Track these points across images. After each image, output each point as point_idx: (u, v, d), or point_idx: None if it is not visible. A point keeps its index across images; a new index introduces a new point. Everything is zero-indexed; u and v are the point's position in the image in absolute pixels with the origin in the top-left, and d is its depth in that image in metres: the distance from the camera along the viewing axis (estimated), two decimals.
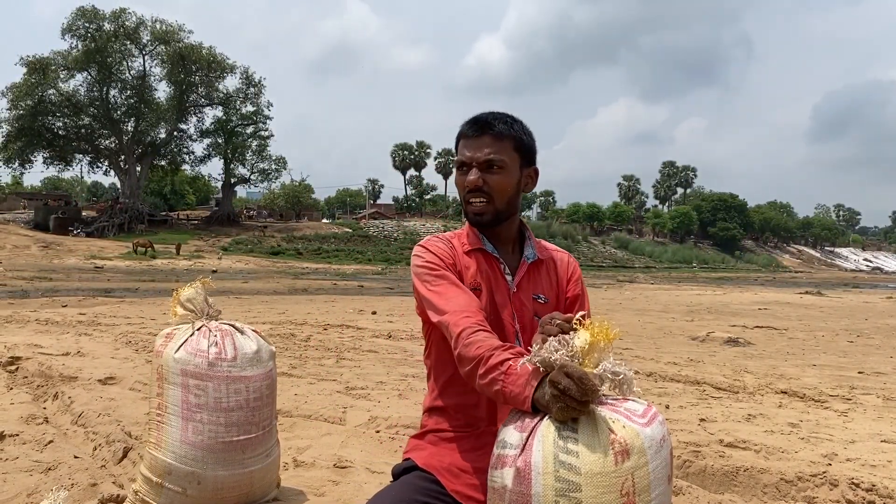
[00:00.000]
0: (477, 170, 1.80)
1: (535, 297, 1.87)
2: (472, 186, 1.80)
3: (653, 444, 1.38)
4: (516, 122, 1.85)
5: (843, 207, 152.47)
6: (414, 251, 1.86)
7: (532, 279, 1.89)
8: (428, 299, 1.75)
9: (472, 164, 1.81)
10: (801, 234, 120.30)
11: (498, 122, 1.81)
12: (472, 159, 1.81)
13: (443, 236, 1.90)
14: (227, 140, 61.17)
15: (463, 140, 1.84)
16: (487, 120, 1.82)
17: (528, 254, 1.90)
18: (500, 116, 1.83)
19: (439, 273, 1.77)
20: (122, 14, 55.56)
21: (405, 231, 68.41)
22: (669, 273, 58.15)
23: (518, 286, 1.85)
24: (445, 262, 1.80)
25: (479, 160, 1.80)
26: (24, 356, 6.74)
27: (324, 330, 10.30)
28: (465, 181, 1.81)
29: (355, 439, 4.27)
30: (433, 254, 1.81)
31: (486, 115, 1.84)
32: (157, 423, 2.83)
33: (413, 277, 1.82)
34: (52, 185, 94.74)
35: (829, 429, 4.79)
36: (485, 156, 1.79)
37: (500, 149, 1.80)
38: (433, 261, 1.80)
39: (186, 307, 3.01)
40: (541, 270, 1.91)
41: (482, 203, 1.81)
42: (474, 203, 1.82)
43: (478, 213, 1.82)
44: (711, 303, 20.16)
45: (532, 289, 1.87)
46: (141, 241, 43.20)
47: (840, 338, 11.30)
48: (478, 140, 1.81)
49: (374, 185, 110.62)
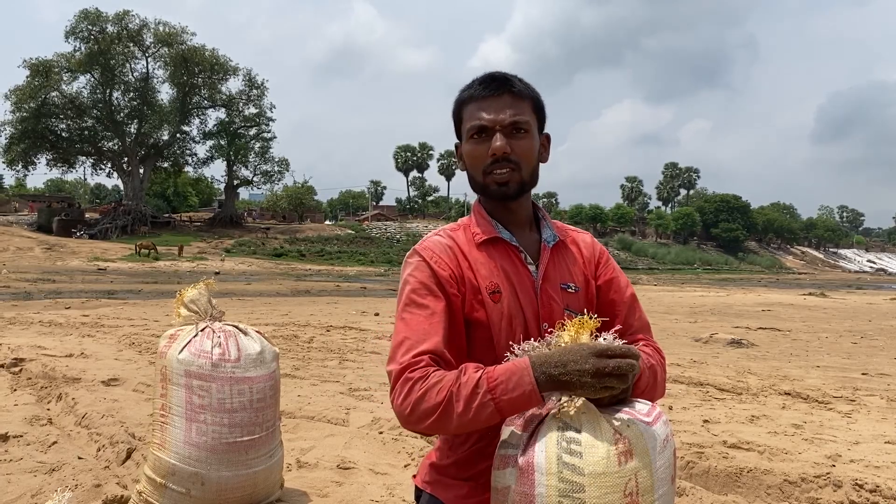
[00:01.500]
0: (501, 134, 1.52)
1: (564, 286, 1.60)
2: (501, 153, 1.52)
3: (656, 445, 1.37)
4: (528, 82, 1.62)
5: (847, 209, 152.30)
6: (408, 256, 1.60)
7: (557, 266, 1.62)
8: (395, 330, 1.50)
9: (494, 127, 1.53)
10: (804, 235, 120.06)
11: (515, 79, 1.58)
12: (494, 122, 1.53)
13: (445, 232, 1.63)
14: (230, 142, 61.29)
15: (475, 102, 1.56)
16: (506, 76, 1.57)
17: (547, 236, 1.64)
18: (512, 75, 1.60)
19: (419, 302, 1.49)
20: (125, 16, 55.76)
21: (408, 233, 68.49)
22: (672, 274, 58.11)
23: (543, 276, 1.59)
24: (440, 277, 1.51)
25: (504, 123, 1.53)
26: (28, 358, 6.76)
27: (327, 331, 10.32)
28: (491, 148, 1.52)
29: (358, 440, 4.27)
30: (427, 266, 1.53)
31: (500, 72, 1.59)
32: (161, 424, 2.84)
33: (400, 285, 1.57)
34: (56, 188, 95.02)
35: (833, 430, 4.78)
36: (510, 117, 1.53)
37: (523, 109, 1.55)
38: (423, 280, 1.52)
39: (190, 308, 3.02)
40: (565, 254, 1.65)
41: (507, 171, 1.54)
42: (499, 173, 1.54)
43: (502, 184, 1.54)
44: (714, 304, 20.13)
45: (559, 277, 1.61)
46: (144, 243, 43.29)
47: (844, 339, 11.27)
48: (497, 100, 1.54)
49: (376, 186, 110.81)
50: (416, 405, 1.34)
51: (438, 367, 1.38)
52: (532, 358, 1.30)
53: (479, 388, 1.29)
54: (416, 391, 1.34)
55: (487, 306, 1.52)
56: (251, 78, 61.14)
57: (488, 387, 1.28)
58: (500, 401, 1.28)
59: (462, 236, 1.61)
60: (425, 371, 1.36)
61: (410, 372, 1.37)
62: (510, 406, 1.29)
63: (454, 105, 1.63)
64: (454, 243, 1.58)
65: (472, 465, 1.56)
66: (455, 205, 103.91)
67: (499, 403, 1.28)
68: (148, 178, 60.59)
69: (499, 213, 1.62)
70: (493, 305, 1.52)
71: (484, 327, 1.51)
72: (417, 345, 1.40)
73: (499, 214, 1.62)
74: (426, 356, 1.39)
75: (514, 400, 1.28)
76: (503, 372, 1.29)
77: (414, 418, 1.35)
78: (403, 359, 1.39)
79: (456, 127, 1.64)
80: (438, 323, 1.45)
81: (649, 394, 1.49)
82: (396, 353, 1.42)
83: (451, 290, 1.51)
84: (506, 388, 1.28)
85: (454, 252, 1.56)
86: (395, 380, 1.39)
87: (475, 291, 1.53)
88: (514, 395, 1.28)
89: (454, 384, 1.31)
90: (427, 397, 1.33)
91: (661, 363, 1.58)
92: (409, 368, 1.37)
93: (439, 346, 1.41)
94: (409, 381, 1.36)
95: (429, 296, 1.49)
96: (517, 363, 1.30)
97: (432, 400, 1.32)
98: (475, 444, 1.55)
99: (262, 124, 62.76)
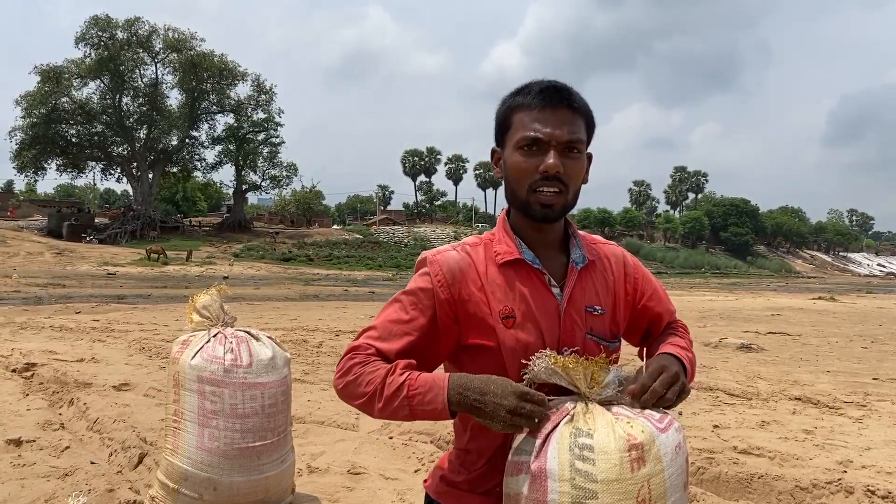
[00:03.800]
0: (556, 151, 1.43)
1: (590, 308, 1.52)
2: (553, 172, 1.42)
3: (669, 451, 1.37)
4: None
5: (857, 212, 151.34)
6: (419, 260, 1.55)
7: (584, 287, 1.53)
8: (379, 312, 1.52)
9: (550, 142, 1.43)
10: (813, 239, 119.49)
11: (575, 93, 1.48)
12: (551, 137, 1.43)
13: (463, 247, 1.55)
14: (239, 147, 61.50)
15: (530, 111, 1.45)
16: (567, 88, 1.47)
17: (577, 257, 1.54)
18: (571, 87, 1.49)
19: (406, 307, 1.48)
20: (135, 22, 56.07)
21: (415, 237, 68.54)
22: (681, 278, 57.88)
23: (568, 300, 1.50)
24: (437, 298, 1.47)
25: (561, 140, 1.43)
26: (40, 362, 6.81)
27: (335, 336, 10.34)
28: (544, 164, 1.43)
29: (368, 445, 4.28)
30: (430, 282, 1.48)
31: (560, 83, 1.48)
32: (174, 430, 2.86)
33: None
34: (65, 193, 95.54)
35: (844, 435, 4.76)
36: (567, 135, 1.44)
37: (579, 127, 1.46)
38: (420, 292, 1.49)
39: (202, 314, 3.04)
40: (594, 274, 1.56)
41: (554, 193, 1.45)
42: (546, 192, 1.44)
43: (547, 205, 1.45)
44: (724, 308, 20.07)
45: (585, 299, 1.52)
46: (154, 248, 43.45)
47: (854, 344, 11.22)
48: (556, 113, 1.44)
49: (384, 191, 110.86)
50: (347, 387, 1.42)
51: (380, 360, 1.43)
52: (452, 378, 1.35)
53: (399, 392, 1.35)
54: (351, 373, 1.42)
55: (499, 332, 1.47)
56: (260, 83, 61.38)
57: (408, 393, 1.35)
58: (414, 409, 1.35)
59: (481, 254, 1.53)
60: (367, 358, 1.43)
61: (355, 353, 1.44)
62: (423, 415, 1.36)
63: (502, 108, 1.52)
64: (471, 261, 1.51)
65: (484, 482, 1.54)
66: (462, 209, 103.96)
67: (413, 410, 1.35)
68: (157, 183, 60.82)
69: (527, 232, 1.54)
70: (504, 331, 1.46)
71: (494, 353, 1.47)
72: (376, 339, 1.46)
73: (527, 233, 1.54)
74: (374, 349, 1.44)
75: (427, 412, 1.35)
76: (423, 383, 1.35)
77: (343, 396, 1.44)
78: (359, 340, 1.47)
79: (500, 132, 1.53)
80: (406, 333, 1.46)
81: (690, 382, 1.54)
82: (360, 334, 1.49)
83: (443, 313, 1.47)
84: (422, 399, 1.34)
85: (466, 272, 1.49)
86: (344, 354, 1.47)
87: (486, 315, 1.47)
88: (428, 408, 1.34)
89: (381, 381, 1.38)
90: (358, 382, 1.40)
91: (690, 347, 1.64)
92: (356, 350, 1.45)
93: (391, 352, 1.44)
94: (351, 361, 1.43)
95: (415, 307, 1.48)
96: (437, 378, 1.36)
97: (360, 388, 1.40)
98: (487, 462, 1.54)
99: (271, 129, 62.98)
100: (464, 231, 74.38)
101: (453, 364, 1.55)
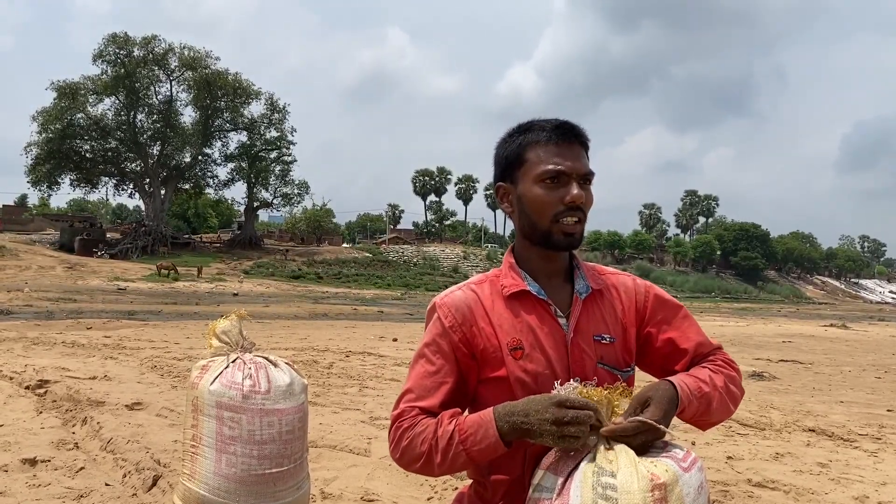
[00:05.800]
0: (577, 184, 1.53)
1: (598, 337, 1.56)
2: (579, 202, 1.51)
3: (692, 492, 1.37)
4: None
5: (869, 238, 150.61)
6: (429, 308, 1.62)
7: (591, 317, 1.57)
8: (407, 375, 1.59)
9: (572, 175, 1.52)
10: (824, 265, 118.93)
11: (582, 129, 1.59)
12: (573, 170, 1.52)
13: (468, 286, 1.62)
14: (251, 164, 61.99)
15: (549, 146, 1.54)
16: (577, 126, 1.58)
17: (580, 287, 1.59)
18: (574, 123, 1.61)
19: (430, 358, 1.55)
20: (152, 40, 56.85)
21: (424, 256, 68.66)
22: (691, 303, 57.62)
23: (575, 329, 1.54)
24: (451, 340, 1.53)
25: (581, 172, 1.54)
26: (53, 379, 6.84)
27: (346, 357, 10.33)
28: (569, 196, 1.51)
29: (381, 471, 4.27)
30: (441, 325, 1.56)
31: (570, 122, 1.59)
32: (192, 455, 2.86)
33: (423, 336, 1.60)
34: (78, 207, 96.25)
35: (860, 469, 4.72)
36: (585, 167, 1.55)
37: (588, 161, 1.58)
38: (436, 338, 1.55)
39: (222, 339, 3.05)
40: (601, 303, 1.60)
41: (575, 222, 1.53)
42: (569, 222, 1.52)
43: (570, 234, 1.53)
44: (734, 334, 19.94)
45: (592, 329, 1.56)
46: (165, 264, 43.66)
47: (867, 373, 11.13)
48: (572, 149, 1.55)
49: (394, 210, 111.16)
50: (404, 454, 1.47)
51: (427, 417, 1.47)
52: (496, 410, 1.39)
53: (452, 441, 1.39)
54: (404, 440, 1.46)
55: (508, 363, 1.51)
56: (273, 102, 61.98)
57: (460, 438, 1.39)
58: (470, 451, 1.39)
59: (487, 290, 1.60)
60: (413, 420, 1.47)
61: (401, 421, 1.49)
62: (480, 455, 1.39)
63: (512, 146, 1.59)
64: (476, 298, 1.58)
65: None
66: (472, 229, 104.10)
67: (470, 454, 1.39)
68: (169, 200, 61.30)
69: (536, 263, 1.60)
70: (513, 362, 1.51)
71: (505, 384, 1.51)
72: (416, 399, 1.51)
73: (536, 264, 1.60)
74: (417, 409, 1.49)
75: (483, 451, 1.38)
76: (472, 424, 1.39)
77: (403, 464, 1.48)
78: (400, 407, 1.51)
79: (510, 168, 1.60)
80: (440, 383, 1.52)
81: (705, 417, 1.51)
82: (400, 400, 1.53)
83: (461, 354, 1.54)
84: (475, 439, 1.38)
85: (474, 309, 1.56)
86: (390, 426, 1.52)
87: (496, 349, 1.53)
88: (482, 446, 1.38)
89: (433, 436, 1.42)
90: (412, 446, 1.45)
91: (724, 383, 1.55)
92: (401, 416, 1.49)
93: (435, 406, 1.49)
94: (400, 429, 1.48)
95: (438, 354, 1.54)
96: (483, 415, 1.39)
97: (416, 450, 1.44)
98: (504, 497, 1.55)
99: (283, 147, 63.45)
100: (472, 251, 74.42)
101: (473, 400, 1.59)
